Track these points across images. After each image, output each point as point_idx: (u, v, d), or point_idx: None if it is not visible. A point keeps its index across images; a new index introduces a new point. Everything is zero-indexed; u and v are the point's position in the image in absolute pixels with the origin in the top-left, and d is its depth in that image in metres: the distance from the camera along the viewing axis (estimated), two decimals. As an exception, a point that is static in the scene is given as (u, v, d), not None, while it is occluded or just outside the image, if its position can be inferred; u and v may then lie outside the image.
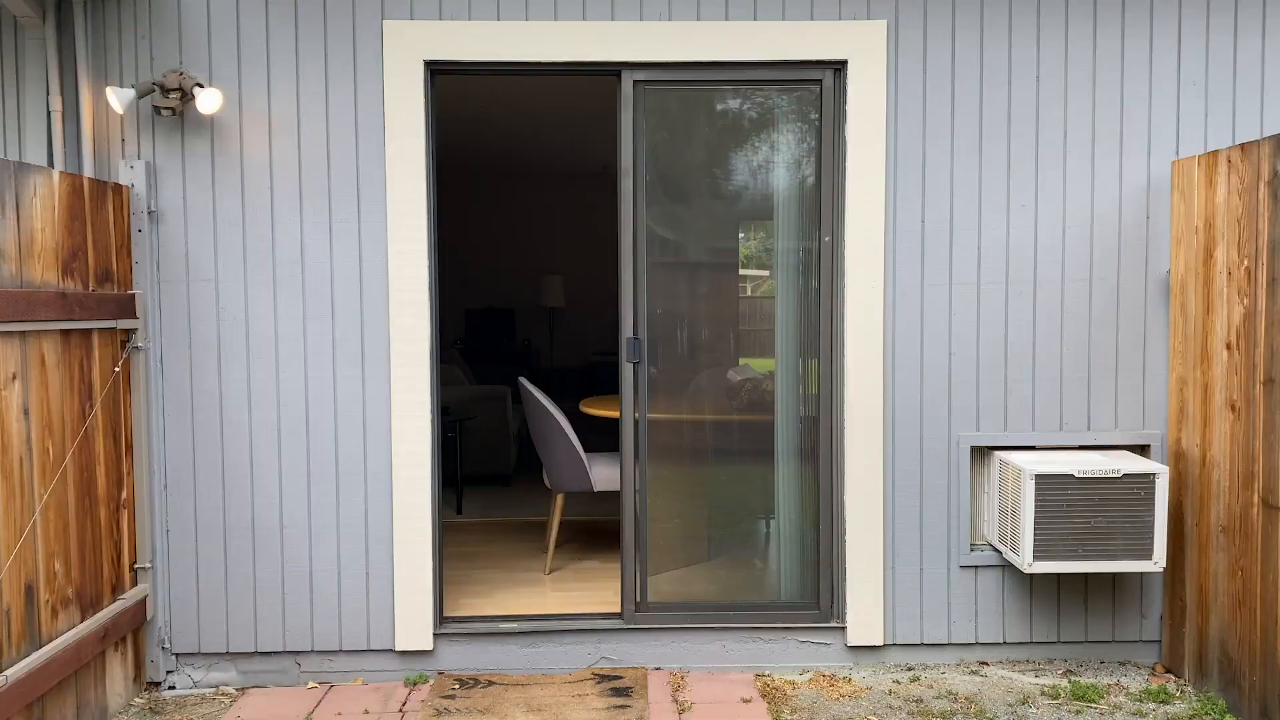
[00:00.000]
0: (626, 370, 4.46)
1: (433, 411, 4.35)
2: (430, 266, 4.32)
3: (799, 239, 4.53)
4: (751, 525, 4.76)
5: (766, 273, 4.67)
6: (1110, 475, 4.08)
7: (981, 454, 4.47)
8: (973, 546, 4.46)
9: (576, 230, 11.01)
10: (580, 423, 7.28)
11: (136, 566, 4.19)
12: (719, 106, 4.53)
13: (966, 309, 4.39)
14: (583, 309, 11.09)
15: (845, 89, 4.33)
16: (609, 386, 10.21)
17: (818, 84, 4.39)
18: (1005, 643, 4.46)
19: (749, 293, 4.72)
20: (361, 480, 4.34)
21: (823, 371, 4.48)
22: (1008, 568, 4.43)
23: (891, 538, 4.43)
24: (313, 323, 4.30)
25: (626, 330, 4.44)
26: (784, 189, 4.53)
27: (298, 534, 4.34)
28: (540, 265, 11.03)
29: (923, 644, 4.45)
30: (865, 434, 4.39)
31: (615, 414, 5.12)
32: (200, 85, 4.13)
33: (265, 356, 4.30)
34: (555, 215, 11.02)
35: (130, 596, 4.09)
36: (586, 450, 5.50)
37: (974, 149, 4.35)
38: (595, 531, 6.24)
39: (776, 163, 4.52)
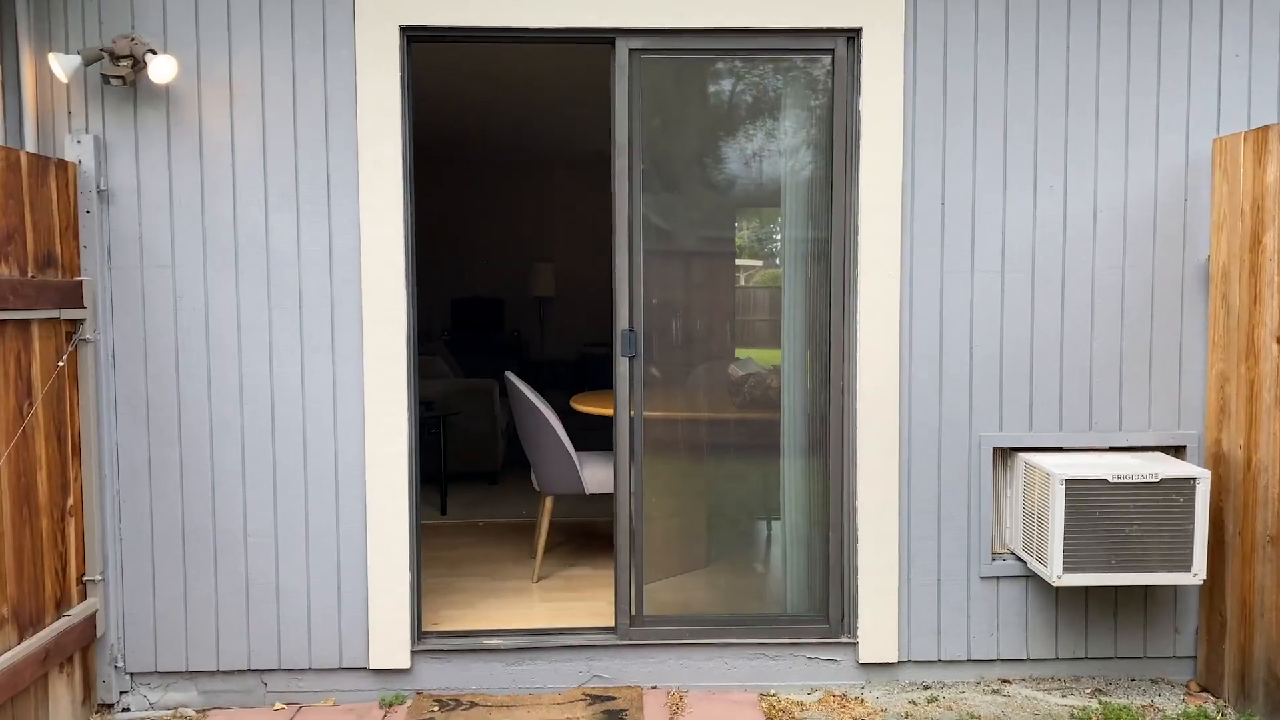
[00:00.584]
0: (621, 365, 4.11)
1: (410, 409, 4.00)
2: (407, 252, 3.96)
3: (807, 223, 4.18)
4: (755, 531, 4.43)
5: (772, 259, 4.32)
6: (1147, 480, 3.75)
7: (1004, 455, 4.14)
8: (994, 555, 4.13)
9: (568, 217, 10.66)
10: (570, 419, 6.96)
11: (85, 579, 3.83)
12: (722, 79, 4.18)
13: (989, 299, 4.05)
14: (574, 299, 10.73)
15: (859, 59, 3.97)
16: (601, 379, 9.87)
17: (829, 54, 4.04)
18: (1029, 659, 4.13)
19: (752, 282, 4.38)
20: (332, 484, 3.98)
21: (833, 366, 4.13)
22: (1032, 578, 4.10)
23: (907, 546, 4.09)
24: (279, 313, 3.94)
25: (621, 322, 4.09)
26: (792, 168, 4.18)
27: (263, 542, 3.98)
28: (530, 253, 10.68)
29: (940, 661, 4.12)
30: (879, 433, 4.05)
31: (608, 411, 4.78)
32: (153, 52, 3.76)
33: (227, 349, 3.94)
34: (546, 202, 10.67)
35: (77, 613, 3.73)
36: (577, 449, 5.15)
37: (998, 124, 4.01)
38: (587, 535, 5.90)
39: (784, 140, 4.17)
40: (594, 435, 7.22)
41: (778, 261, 4.26)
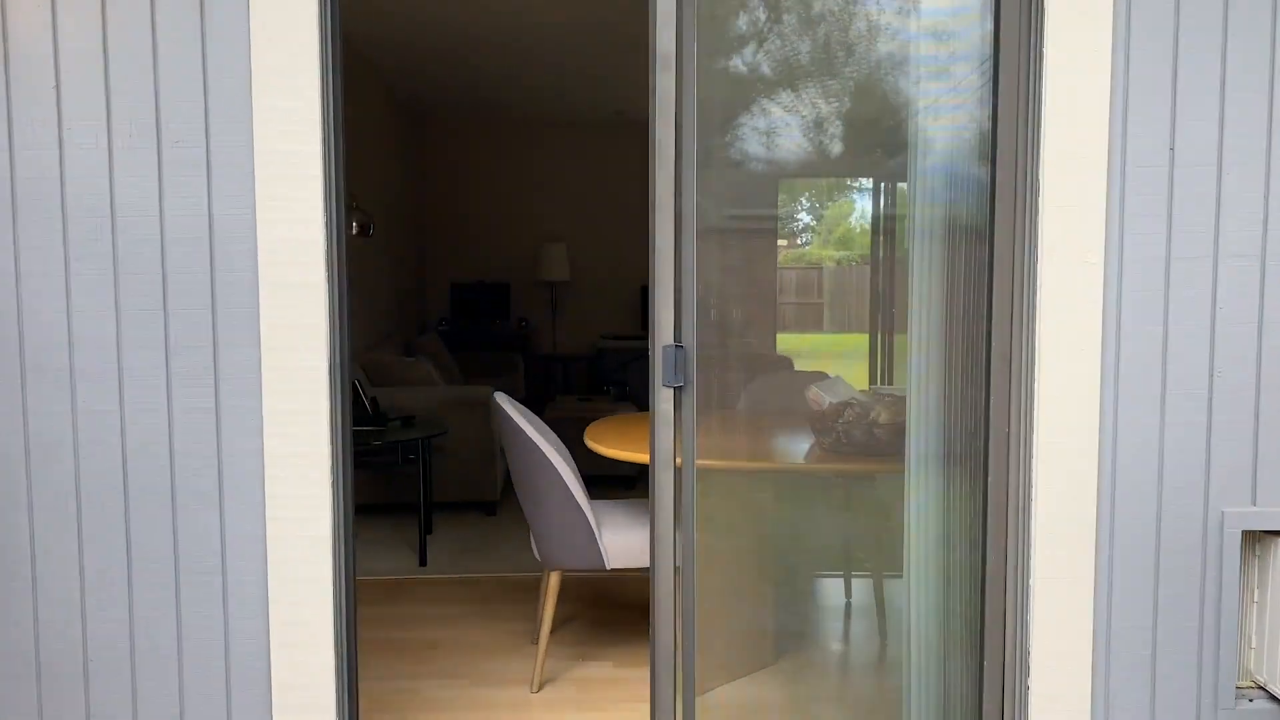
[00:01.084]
0: (663, 398, 2.68)
1: (336, 469, 2.59)
2: (332, 224, 2.55)
3: (949, 185, 2.74)
4: (860, 644, 3.01)
5: (889, 240, 2.89)
6: None
7: (1255, 541, 2.71)
8: (1238, 691, 2.70)
9: (584, 190, 9.26)
10: (560, 426, 5.62)
11: None
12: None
13: (1241, 298, 2.60)
14: (590, 283, 9.36)
15: (1047, -81, 2.53)
16: (619, 379, 8.50)
17: (997, -88, 2.59)
18: None
19: (857, 272, 2.95)
20: (218, 581, 2.58)
21: (995, 397, 2.70)
22: (1294, 728, 2.68)
23: (1104, 676, 2.67)
24: (131, 320, 2.53)
25: (664, 334, 2.66)
26: (928, 102, 2.74)
27: (113, 667, 2.59)
28: (540, 231, 9.29)
29: None
30: (1065, 503, 2.62)
31: (640, 456, 3.38)
32: (-84, -102, 2.34)
33: (53, 376, 2.53)
34: (559, 172, 9.26)
35: None
36: (585, 485, 3.73)
37: (1265, 28, 2.55)
38: (605, 603, 4.48)
39: (916, 58, 2.73)
40: (596, 460, 5.90)
41: (900, 242, 2.83)
